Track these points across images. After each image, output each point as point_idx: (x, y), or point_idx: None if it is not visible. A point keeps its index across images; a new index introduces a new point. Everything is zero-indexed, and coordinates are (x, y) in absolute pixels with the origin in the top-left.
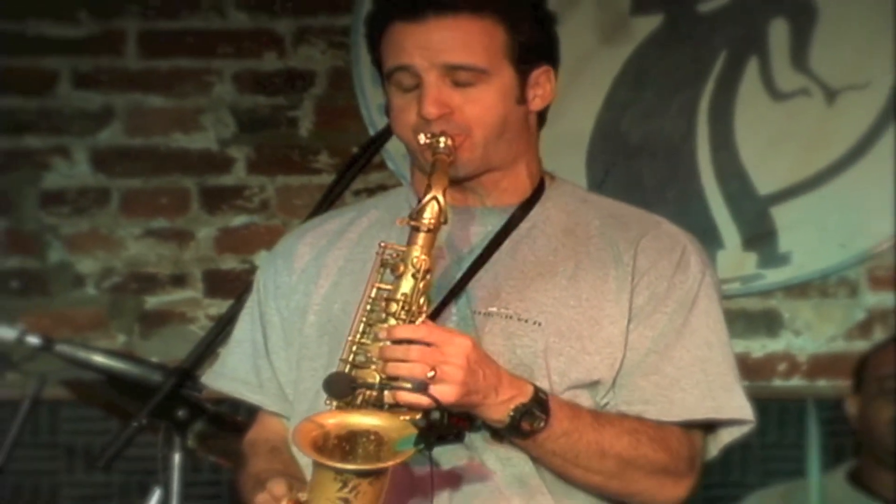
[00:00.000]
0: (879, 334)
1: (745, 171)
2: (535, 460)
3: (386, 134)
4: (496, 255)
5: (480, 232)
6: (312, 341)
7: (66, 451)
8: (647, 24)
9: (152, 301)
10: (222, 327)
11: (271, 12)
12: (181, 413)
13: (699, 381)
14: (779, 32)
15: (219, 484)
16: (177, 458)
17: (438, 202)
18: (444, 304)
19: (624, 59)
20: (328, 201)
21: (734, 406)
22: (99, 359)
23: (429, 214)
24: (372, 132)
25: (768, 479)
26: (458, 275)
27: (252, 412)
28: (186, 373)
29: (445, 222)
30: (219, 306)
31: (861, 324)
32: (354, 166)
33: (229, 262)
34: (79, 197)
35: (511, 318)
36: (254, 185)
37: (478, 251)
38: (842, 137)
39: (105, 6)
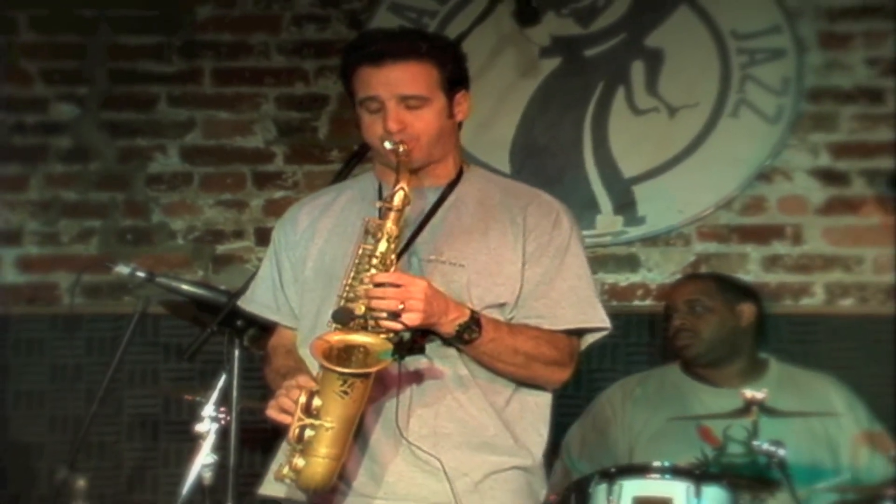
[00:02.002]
0: (704, 270)
1: (615, 162)
2: (469, 364)
3: None
4: (433, 220)
5: (424, 204)
6: (311, 280)
7: (163, 348)
8: (550, 64)
9: (221, 248)
10: None
11: (301, 55)
12: (239, 322)
13: (573, 302)
14: (638, 70)
15: (262, 373)
16: (236, 353)
17: (404, 190)
18: (400, 255)
19: (534, 88)
20: (338, 181)
21: (598, 318)
22: (185, 287)
23: (398, 199)
24: None
25: (630, 368)
26: (409, 234)
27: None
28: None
29: (409, 204)
30: (264, 252)
31: (692, 263)
32: (354, 159)
33: (272, 223)
34: (172, 178)
35: (444, 263)
36: (288, 171)
37: (422, 217)
38: (679, 140)
39: (190, 52)
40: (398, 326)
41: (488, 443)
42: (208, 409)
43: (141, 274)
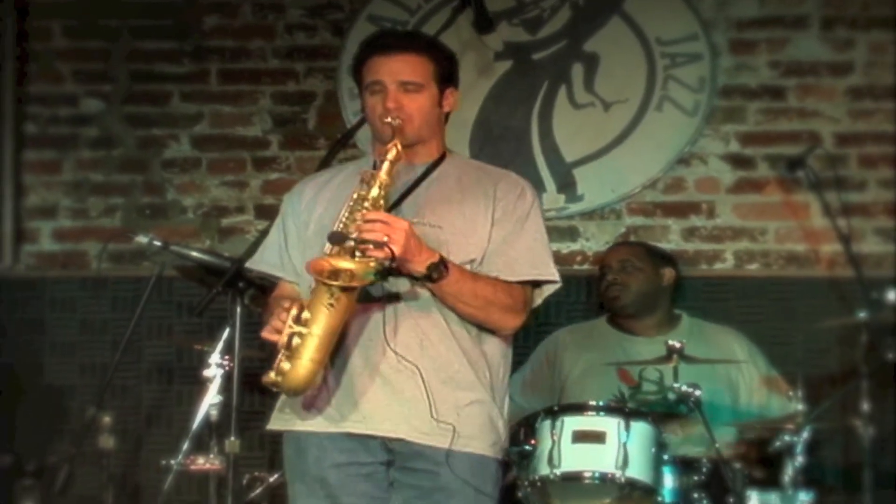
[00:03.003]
0: (632, 239)
1: (558, 148)
2: (444, 311)
3: (354, 128)
4: (418, 189)
5: (412, 176)
6: (311, 239)
7: (176, 306)
8: (503, 66)
9: (225, 221)
10: (264, 236)
11: (292, 58)
12: (241, 284)
13: (528, 259)
14: (577, 71)
15: (262, 325)
16: (238, 310)
17: (397, 148)
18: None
19: (490, 86)
20: (323, 165)
21: (549, 272)
22: (195, 254)
23: (391, 153)
24: (348, 126)
25: (570, 322)
26: (397, 198)
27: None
28: (243, 262)
29: (400, 159)
30: (263, 225)
31: (622, 234)
32: (338, 145)
33: (269, 200)
34: (183, 163)
35: (426, 225)
36: (282, 156)
37: (408, 185)
38: (612, 130)
39: (199, 55)
40: (381, 254)
41: (454, 378)
42: (215, 357)
43: (157, 243)
